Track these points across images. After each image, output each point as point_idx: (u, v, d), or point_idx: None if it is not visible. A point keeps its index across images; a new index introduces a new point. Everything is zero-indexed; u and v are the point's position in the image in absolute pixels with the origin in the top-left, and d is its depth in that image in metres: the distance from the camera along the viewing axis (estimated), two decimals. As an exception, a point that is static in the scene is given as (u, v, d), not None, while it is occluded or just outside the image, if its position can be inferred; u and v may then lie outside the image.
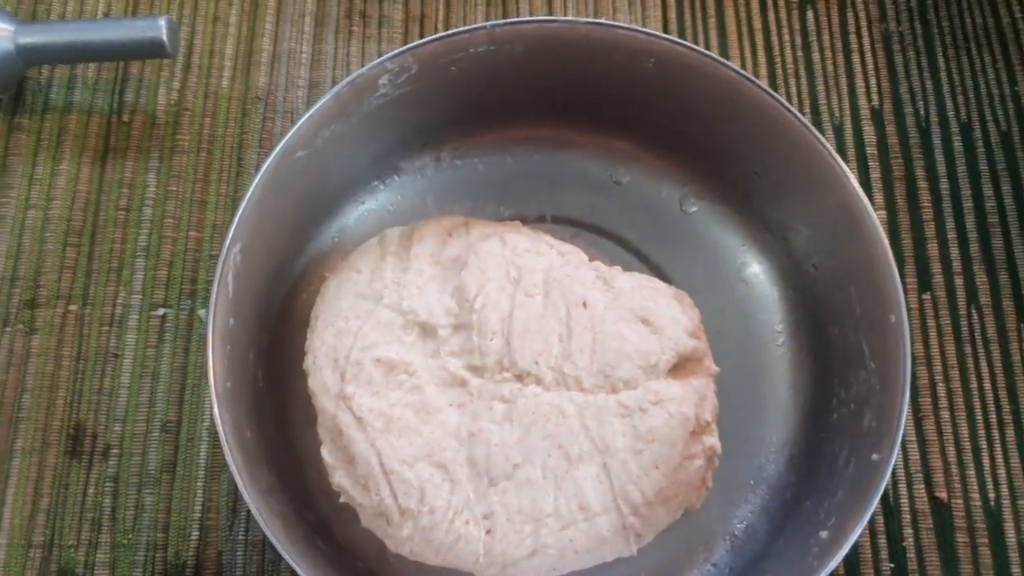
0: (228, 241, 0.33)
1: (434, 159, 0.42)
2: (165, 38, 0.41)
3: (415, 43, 0.35)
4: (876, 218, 0.33)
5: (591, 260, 0.39)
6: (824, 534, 0.32)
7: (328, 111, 0.35)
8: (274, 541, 0.30)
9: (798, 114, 0.35)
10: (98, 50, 0.41)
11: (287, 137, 0.34)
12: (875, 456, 0.31)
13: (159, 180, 0.43)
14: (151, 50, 0.41)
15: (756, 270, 0.41)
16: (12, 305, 0.41)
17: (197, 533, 0.38)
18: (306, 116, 0.34)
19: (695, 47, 0.35)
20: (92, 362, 0.40)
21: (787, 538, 0.35)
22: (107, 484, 0.38)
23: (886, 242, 0.33)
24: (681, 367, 0.37)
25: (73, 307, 0.41)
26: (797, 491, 0.37)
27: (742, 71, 0.35)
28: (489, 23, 0.35)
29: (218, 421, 0.30)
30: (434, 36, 0.35)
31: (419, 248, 0.38)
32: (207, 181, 0.43)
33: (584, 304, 0.37)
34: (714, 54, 0.35)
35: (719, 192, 0.41)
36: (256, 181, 0.33)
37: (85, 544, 0.37)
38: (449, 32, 0.35)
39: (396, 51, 0.35)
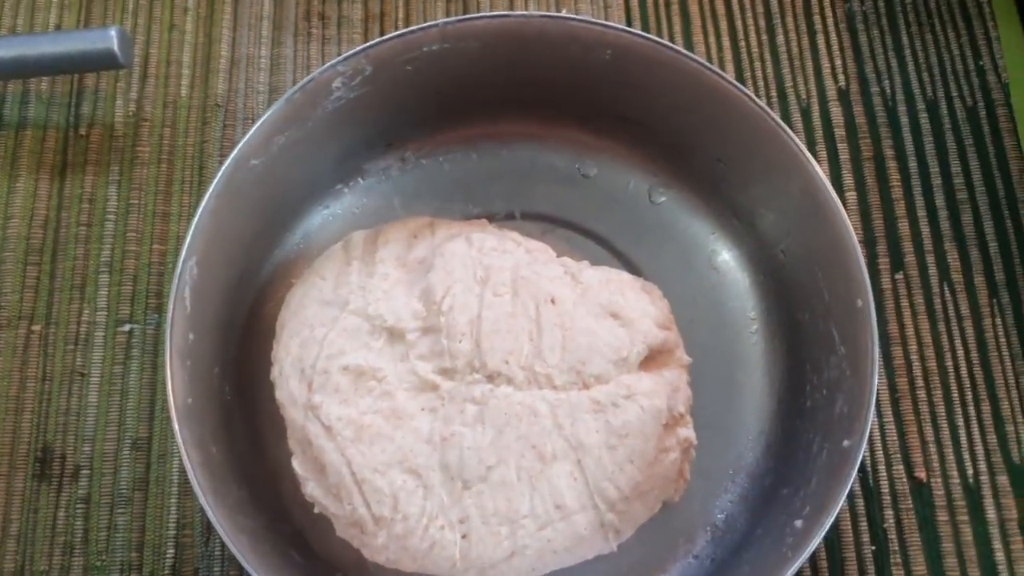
0: (183, 255, 0.32)
1: (398, 160, 0.41)
2: (116, 48, 0.40)
3: (367, 44, 0.35)
4: (839, 202, 0.33)
5: (560, 256, 0.38)
6: (799, 523, 0.31)
7: (281, 117, 0.34)
8: (240, 558, 0.29)
9: (757, 100, 0.34)
10: (49, 64, 0.41)
11: (239, 146, 0.33)
12: (846, 442, 0.31)
13: (120, 193, 0.42)
14: (103, 61, 0.41)
15: (726, 257, 0.40)
16: (-27, 328, 0.40)
17: (172, 551, 0.37)
18: (257, 124, 0.34)
19: (652, 37, 0.35)
20: (58, 382, 0.39)
21: (765, 527, 0.35)
22: (78, 506, 0.38)
23: (850, 226, 0.33)
24: (653, 359, 0.37)
25: (36, 327, 0.40)
26: (775, 479, 0.37)
27: (700, 59, 0.35)
28: (441, 21, 0.35)
29: (179, 438, 0.30)
30: (386, 36, 0.35)
31: (384, 251, 0.38)
32: (169, 192, 0.42)
33: (553, 301, 0.36)
34: (670, 43, 0.35)
35: (686, 181, 0.41)
36: (209, 192, 0.33)
37: (57, 569, 0.37)
38: (401, 32, 0.35)
39: (348, 53, 0.34)
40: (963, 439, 0.39)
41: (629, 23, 0.46)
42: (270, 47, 0.46)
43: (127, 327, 0.40)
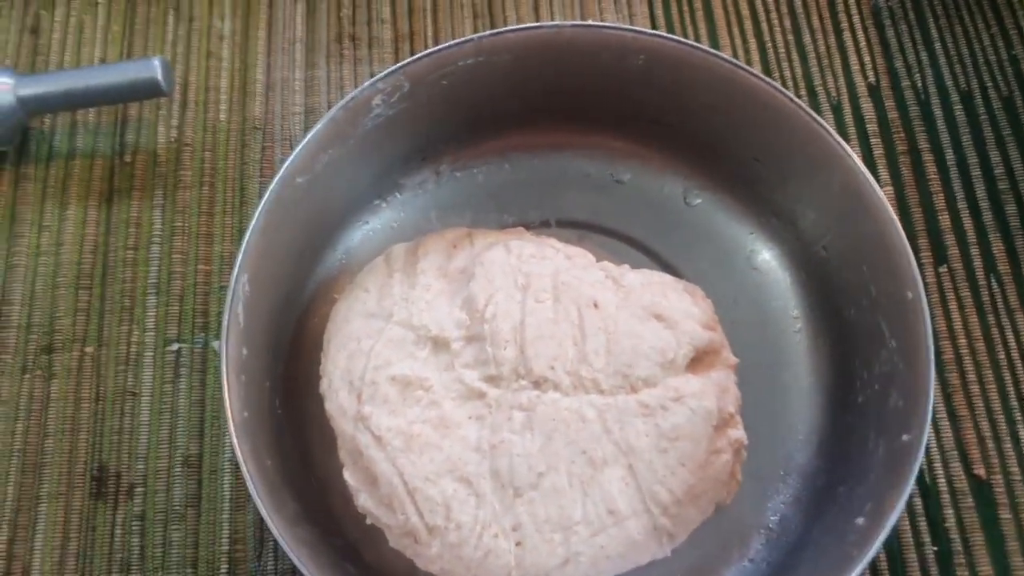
0: (236, 271, 0.33)
1: (434, 173, 0.42)
2: (160, 77, 0.41)
3: (405, 61, 0.35)
4: (882, 194, 0.33)
5: (598, 260, 0.39)
6: (860, 521, 0.31)
7: (325, 136, 0.35)
8: (303, 569, 0.29)
9: (793, 97, 0.35)
10: (96, 95, 0.42)
11: (286, 165, 0.34)
12: (905, 437, 0.30)
13: (164, 217, 0.43)
14: (147, 90, 0.42)
15: (767, 256, 0.40)
16: (29, 352, 0.41)
17: (226, 566, 0.38)
18: (303, 143, 0.34)
19: (684, 40, 0.35)
20: (111, 402, 0.40)
21: (823, 527, 0.34)
22: (134, 523, 0.38)
23: (895, 218, 0.33)
24: (699, 361, 0.37)
25: (89, 349, 0.41)
26: (828, 478, 0.36)
27: (733, 59, 0.35)
28: (476, 35, 0.35)
29: (238, 451, 0.30)
30: (423, 52, 0.36)
31: (425, 263, 0.38)
32: (211, 214, 0.43)
33: (595, 305, 0.36)
34: (703, 45, 0.35)
35: (722, 182, 0.41)
36: (259, 210, 0.33)
37: (116, 585, 0.37)
38: (437, 48, 0.35)
39: (387, 70, 0.35)
40: (1022, 433, 0.39)
41: (655, 28, 0.47)
42: (304, 70, 0.47)
43: (175, 346, 0.41)
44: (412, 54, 0.46)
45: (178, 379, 0.41)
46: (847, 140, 0.44)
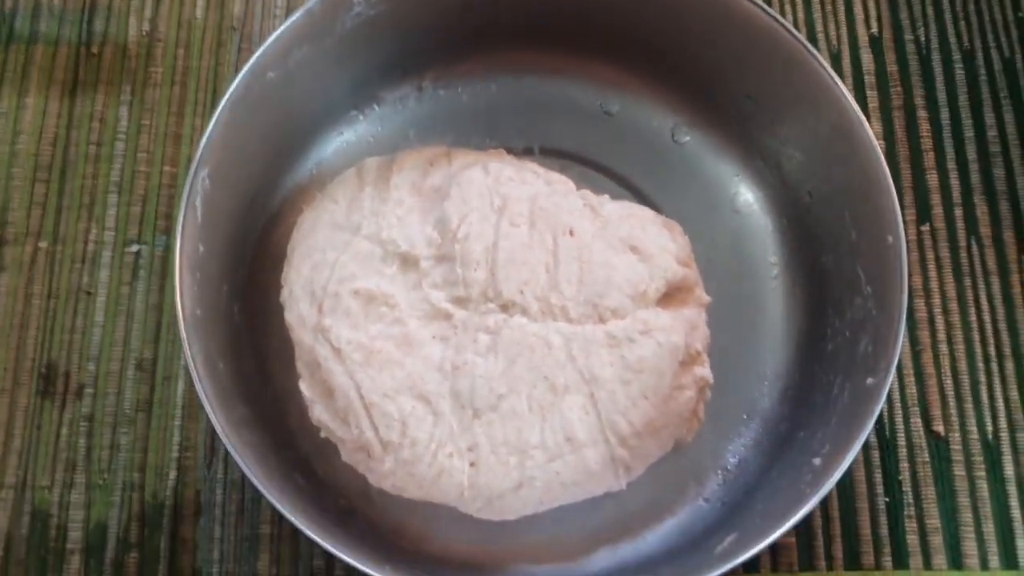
0: (195, 164, 0.31)
1: (415, 88, 0.40)
2: (132, -38, 0.39)
3: (391, -43, 0.33)
4: (873, 135, 0.32)
5: (579, 190, 0.37)
6: (817, 461, 0.31)
7: (300, 29, 0.33)
8: (248, 473, 0.29)
9: (793, 29, 0.33)
10: (62, -24, 0.40)
11: (256, 56, 0.33)
12: (870, 380, 0.30)
13: (131, 114, 0.41)
14: (118, -24, 0.40)
15: (749, 199, 0.39)
16: (-21, 242, 0.39)
17: (175, 473, 0.37)
18: (276, 33, 0.33)
19: (685, -42, 0.34)
20: (64, 300, 0.39)
21: (780, 469, 0.34)
22: (82, 424, 0.37)
23: (883, 160, 0.32)
24: (671, 297, 0.36)
25: (43, 244, 0.40)
26: (791, 424, 0.36)
27: (733, -19, 0.33)
28: (468, -65, 0.34)
29: (186, 347, 0.29)
30: (410, -51, 0.34)
31: (399, 178, 0.37)
32: (181, 115, 0.42)
33: (571, 232, 0.35)
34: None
35: (712, 120, 0.40)
36: (224, 102, 0.32)
37: (59, 485, 0.36)
38: (425, -55, 0.34)
39: (371, -36, 0.33)
40: (984, 395, 0.39)
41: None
42: (288, -27, 0.44)
43: (135, 248, 0.40)
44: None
45: (136, 281, 0.39)
46: (842, 90, 0.43)
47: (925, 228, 0.41)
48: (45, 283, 0.39)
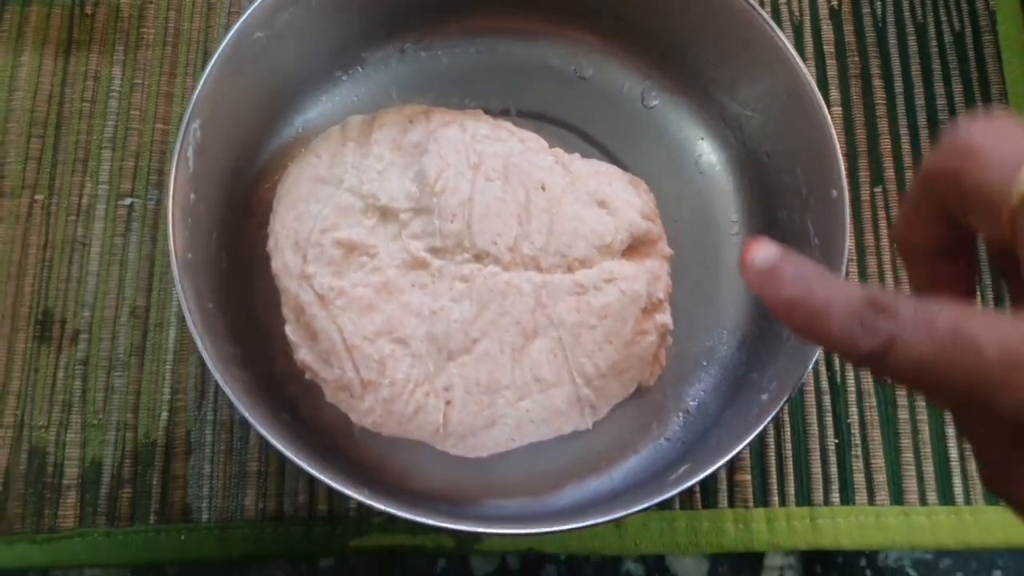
0: (187, 116, 0.33)
1: (398, 50, 0.42)
2: (124, -75, 0.41)
3: (372, -79, 0.35)
4: (820, 96, 0.34)
5: (551, 148, 0.40)
6: (764, 397, 0.33)
7: (286, -11, 0.35)
8: (237, 404, 0.31)
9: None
10: (56, -61, 0.41)
11: (244, 16, 0.34)
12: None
13: (124, 73, 0.43)
14: (110, -61, 0.41)
15: (713, 160, 0.42)
16: (-23, 194, 0.41)
17: (166, 414, 0.39)
18: (263, -5, 0.34)
19: (650, -73, 0.36)
20: (59, 250, 0.41)
21: (734, 408, 0.37)
22: (77, 368, 0.39)
23: (830, 120, 0.34)
24: (636, 249, 0.38)
25: (39, 197, 0.41)
26: (747, 368, 0.38)
27: (694, -50, 0.35)
28: (446, -98, 0.35)
29: (177, 283, 0.31)
30: (391, -86, 0.36)
31: (379, 134, 0.39)
32: (173, 74, 0.43)
33: (543, 187, 0.38)
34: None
35: (679, 85, 0.42)
36: (214, 58, 0.34)
37: (56, 425, 0.38)
38: (406, -90, 0.35)
39: (353, -71, 0.35)
40: (928, 345, 0.41)
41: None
42: (275, -59, 0.46)
43: (128, 201, 0.41)
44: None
45: (129, 232, 0.41)
46: (804, 59, 0.45)
47: (878, 190, 0.44)
48: (42, 234, 0.41)
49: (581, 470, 0.38)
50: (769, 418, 0.31)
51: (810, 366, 0.32)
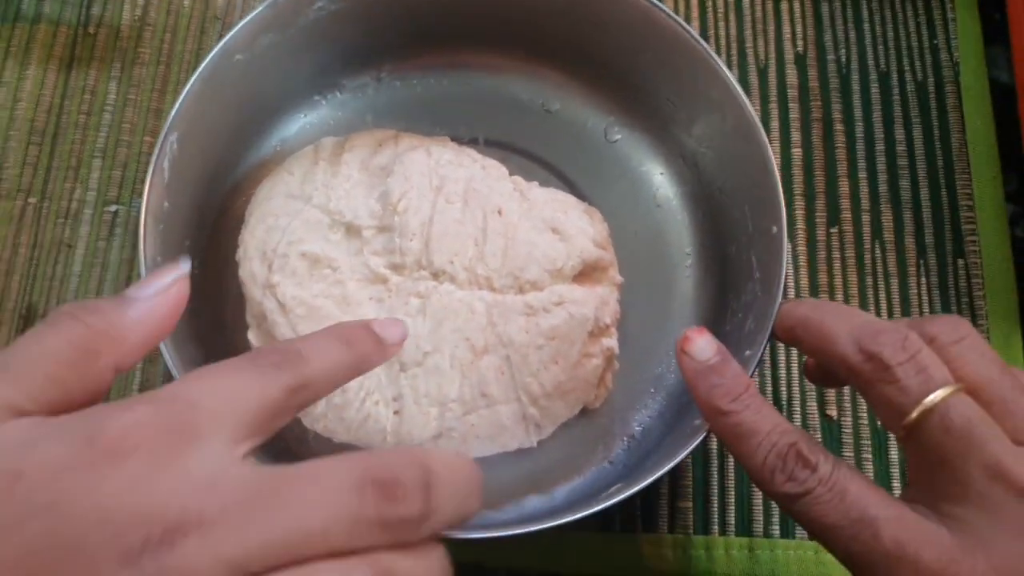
0: (164, 129, 0.35)
1: (374, 79, 0.44)
2: (128, -47, 0.44)
3: (348, -41, 0.38)
4: (763, 132, 0.36)
5: (512, 176, 0.41)
6: (697, 422, 0.34)
7: (265, 18, 0.38)
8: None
9: (698, 38, 0.37)
10: (66, -37, 0.44)
11: (225, 39, 0.37)
12: (747, 352, 0.34)
13: (119, 89, 0.46)
14: (115, -35, 0.44)
15: (670, 194, 0.43)
16: (-25, 195, 0.44)
17: (134, 411, 0.41)
18: (243, 22, 0.37)
19: (606, -26, 0.38)
20: (47, 251, 0.43)
21: (673, 435, 0.38)
22: (54, 362, 0.41)
23: (772, 159, 0.36)
24: (587, 276, 0.40)
25: (32, 200, 0.44)
26: (689, 396, 0.39)
27: (648, -3, 0.38)
28: (418, -56, 0.38)
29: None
30: (366, -47, 0.38)
31: (350, 155, 0.41)
32: (164, 91, 0.46)
33: (500, 212, 0.39)
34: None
35: (640, 121, 0.44)
36: (194, 76, 0.36)
37: (30, 415, 0.40)
38: (380, -50, 0.38)
39: (330, -35, 0.38)
40: (875, 383, 0.42)
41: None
42: (272, -29, 0.49)
43: (113, 208, 0.44)
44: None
45: (112, 238, 0.43)
46: (768, 102, 0.47)
47: (834, 231, 0.45)
48: (31, 235, 0.43)
49: (525, 488, 0.39)
50: (693, 444, 0.32)
51: (738, 394, 0.33)
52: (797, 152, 0.46)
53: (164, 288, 0.24)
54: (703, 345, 0.29)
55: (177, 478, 0.19)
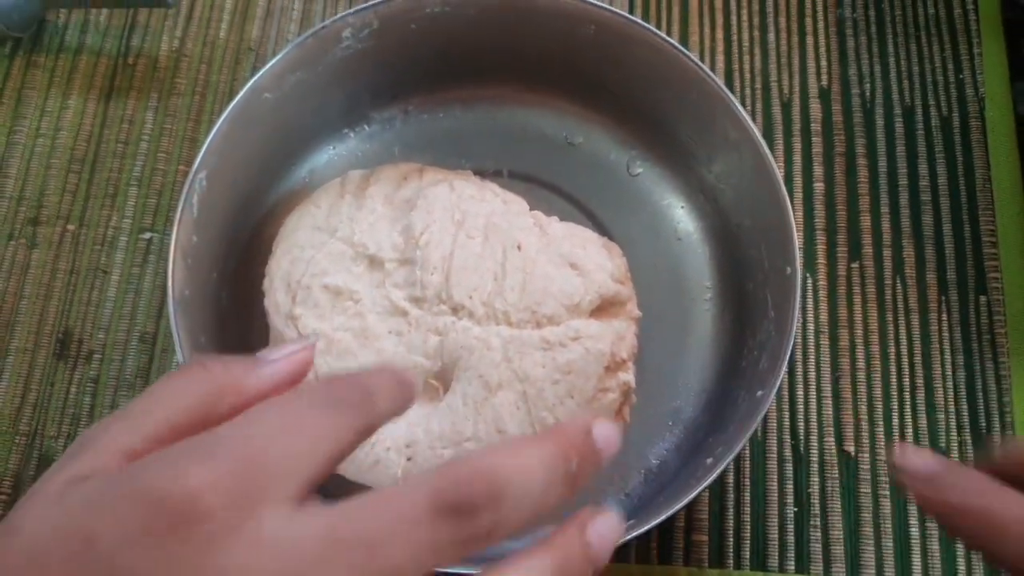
0: (195, 167, 0.37)
1: (402, 112, 0.46)
2: (166, -10, 0.45)
3: (376, 1, 0.39)
4: (779, 175, 0.36)
5: (536, 211, 0.42)
6: (710, 460, 0.34)
7: (293, 59, 0.39)
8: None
9: (717, 80, 0.38)
10: (108, -2, 0.46)
11: (254, 79, 0.38)
12: (759, 392, 0.34)
13: (156, 118, 0.48)
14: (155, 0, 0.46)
15: (690, 229, 0.44)
16: (17, 221, 0.46)
17: (164, 433, 0.42)
18: (271, 62, 0.38)
19: (629, 16, 0.38)
20: (83, 276, 0.45)
21: (688, 470, 0.38)
22: (88, 385, 0.43)
23: (787, 200, 0.36)
24: (604, 310, 0.40)
25: (71, 227, 0.46)
26: (706, 432, 0.40)
27: (668, 38, 0.38)
28: (443, -16, 0.39)
29: (172, 321, 0.34)
30: (394, -6, 0.39)
31: (375, 189, 0.42)
32: (199, 121, 0.48)
33: (519, 247, 0.40)
34: (643, 22, 0.38)
35: (662, 156, 0.44)
36: (224, 115, 0.37)
37: (64, 436, 0.42)
38: (407, -8, 0.39)
39: (358, 7, 0.39)
40: (895, 421, 0.42)
41: (632, 11, 0.50)
42: (303, 1, 0.50)
43: (148, 235, 0.45)
44: None
45: (146, 264, 0.45)
46: (791, 136, 0.47)
47: (855, 265, 0.45)
48: (69, 260, 0.45)
49: (539, 520, 0.40)
50: (705, 484, 0.32)
51: (751, 431, 0.33)
52: (819, 186, 0.46)
53: (291, 352, 0.24)
54: (921, 458, 0.26)
55: (247, 549, 0.18)
